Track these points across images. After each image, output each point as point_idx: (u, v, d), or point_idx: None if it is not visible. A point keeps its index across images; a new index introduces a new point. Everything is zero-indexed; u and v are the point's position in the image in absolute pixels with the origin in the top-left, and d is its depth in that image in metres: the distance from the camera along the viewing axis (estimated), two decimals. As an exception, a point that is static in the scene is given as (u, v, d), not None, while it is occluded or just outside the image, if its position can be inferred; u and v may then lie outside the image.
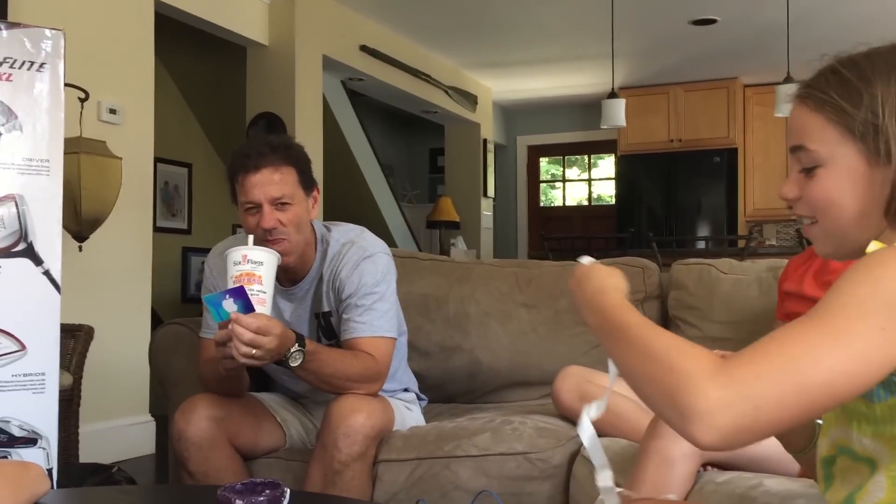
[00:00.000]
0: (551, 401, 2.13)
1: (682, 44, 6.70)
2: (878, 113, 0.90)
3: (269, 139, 2.01)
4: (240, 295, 1.72)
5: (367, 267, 2.02)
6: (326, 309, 2.07)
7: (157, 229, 4.71)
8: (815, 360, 0.79)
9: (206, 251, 2.26)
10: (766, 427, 0.79)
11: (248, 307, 1.72)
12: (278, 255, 1.84)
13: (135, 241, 4.01)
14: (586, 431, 1.07)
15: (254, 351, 1.71)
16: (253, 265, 1.76)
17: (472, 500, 1.83)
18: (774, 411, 0.78)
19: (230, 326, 1.71)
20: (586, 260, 1.12)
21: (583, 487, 1.87)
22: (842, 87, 0.93)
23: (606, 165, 9.24)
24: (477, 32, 6.45)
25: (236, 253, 1.77)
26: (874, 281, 0.82)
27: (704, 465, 1.64)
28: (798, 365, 0.79)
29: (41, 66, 1.96)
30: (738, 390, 0.78)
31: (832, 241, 0.98)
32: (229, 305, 1.72)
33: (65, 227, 3.03)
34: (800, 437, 1.14)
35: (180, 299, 5.87)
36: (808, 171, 0.96)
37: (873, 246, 0.92)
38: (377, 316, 2.00)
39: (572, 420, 2.08)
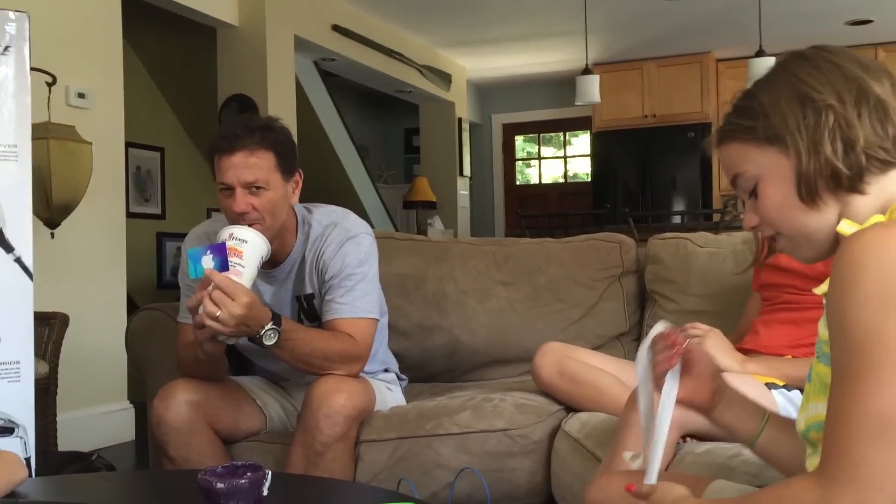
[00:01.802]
0: (531, 377, 2.14)
1: (654, 18, 6.70)
2: (770, 115, 1.01)
3: (251, 120, 1.96)
4: (219, 252, 1.75)
5: (351, 248, 2.01)
6: (309, 291, 2.06)
7: (130, 215, 4.65)
8: (879, 411, 0.81)
9: (180, 236, 2.24)
10: (894, 490, 0.81)
11: (224, 266, 1.75)
12: (267, 241, 1.84)
13: (108, 227, 3.96)
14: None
15: (218, 312, 1.70)
16: (236, 241, 1.79)
17: (453, 478, 1.84)
18: (891, 473, 0.80)
19: (202, 285, 1.74)
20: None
21: (564, 462, 1.89)
22: (738, 112, 1.06)
23: (581, 143, 9.25)
24: (450, 10, 6.41)
25: (225, 231, 1.82)
26: (864, 298, 0.83)
27: (684, 437, 1.66)
28: (876, 428, 0.81)
29: (6, 49, 1.92)
30: (856, 487, 0.80)
31: (803, 244, 1.03)
32: (207, 262, 1.75)
33: (35, 213, 2.99)
34: (747, 428, 1.18)
35: (156, 285, 5.82)
36: (753, 193, 1.04)
37: (845, 225, 0.97)
38: (359, 297, 1.99)
39: (552, 396, 2.09)
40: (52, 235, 3.38)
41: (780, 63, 1.05)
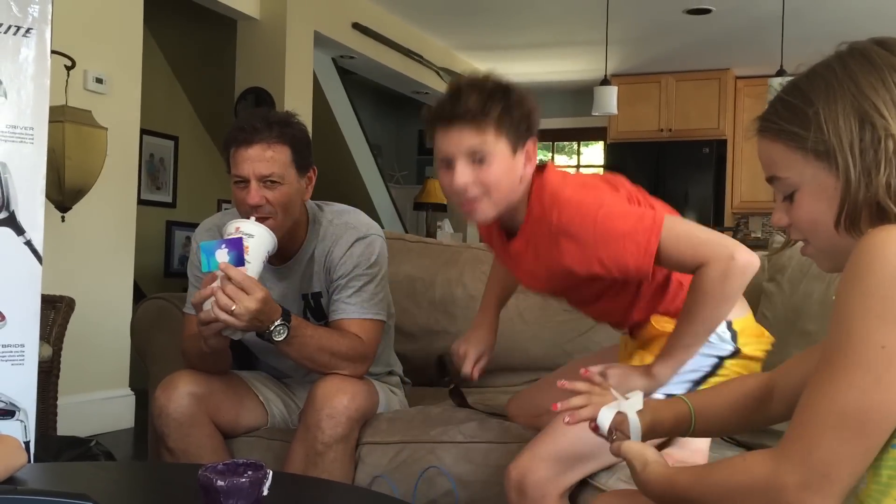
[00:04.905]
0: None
1: (675, 33, 6.67)
2: (824, 129, 0.92)
3: (269, 114, 1.96)
4: (235, 246, 1.72)
5: (361, 248, 2.00)
6: (317, 289, 2.04)
7: (141, 202, 4.64)
8: (842, 408, 0.84)
9: (190, 225, 2.23)
10: (842, 483, 0.85)
11: (240, 261, 1.72)
12: (273, 236, 1.81)
13: (118, 213, 3.96)
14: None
15: (233, 306, 1.68)
16: (243, 235, 1.77)
17: (421, 478, 1.81)
18: (840, 466, 0.84)
19: (217, 279, 1.70)
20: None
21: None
22: (789, 113, 0.96)
23: (591, 153, 9.22)
24: (470, 14, 6.40)
25: (231, 224, 1.79)
26: (864, 295, 0.84)
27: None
28: (836, 422, 0.84)
29: (27, 31, 1.92)
30: (804, 468, 0.85)
31: (829, 257, 1.00)
32: (222, 256, 1.71)
33: (47, 196, 2.98)
34: (682, 424, 1.21)
35: (163, 273, 5.82)
36: (789, 197, 0.99)
37: None
38: (367, 297, 1.98)
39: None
40: (63, 219, 3.38)
41: (843, 62, 0.95)
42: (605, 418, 1.18)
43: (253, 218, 1.82)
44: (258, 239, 1.78)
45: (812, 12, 5.93)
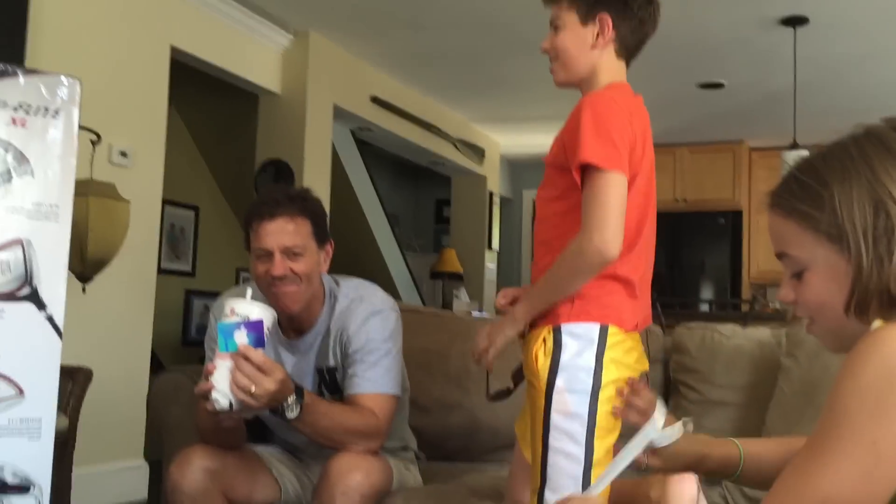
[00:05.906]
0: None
1: (689, 106, 6.76)
2: (838, 212, 0.92)
3: (288, 190, 2.04)
4: (255, 329, 1.70)
5: (376, 323, 2.02)
6: (332, 364, 2.06)
7: (160, 271, 4.70)
8: (826, 495, 0.84)
9: (209, 294, 2.26)
10: None
11: (259, 342, 1.70)
12: (272, 311, 1.77)
13: (138, 283, 4.01)
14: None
15: (252, 387, 1.68)
16: (262, 318, 1.74)
17: None
18: None
19: (234, 360, 1.68)
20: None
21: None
22: (803, 192, 0.96)
23: (611, 222, 9.25)
24: (486, 88, 6.52)
25: (226, 306, 1.74)
26: (860, 389, 0.84)
27: None
28: (805, 500, 0.84)
29: (56, 112, 1.97)
30: None
31: (835, 338, 1.00)
32: (241, 337, 1.69)
33: (69, 268, 3.03)
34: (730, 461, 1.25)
35: (181, 342, 5.85)
36: (798, 275, 0.98)
37: (878, 324, 0.93)
38: (382, 373, 1.99)
39: None
40: (84, 290, 3.42)
41: (859, 145, 0.95)
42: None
43: (249, 295, 1.77)
44: (260, 317, 1.75)
45: (824, 87, 6.01)
